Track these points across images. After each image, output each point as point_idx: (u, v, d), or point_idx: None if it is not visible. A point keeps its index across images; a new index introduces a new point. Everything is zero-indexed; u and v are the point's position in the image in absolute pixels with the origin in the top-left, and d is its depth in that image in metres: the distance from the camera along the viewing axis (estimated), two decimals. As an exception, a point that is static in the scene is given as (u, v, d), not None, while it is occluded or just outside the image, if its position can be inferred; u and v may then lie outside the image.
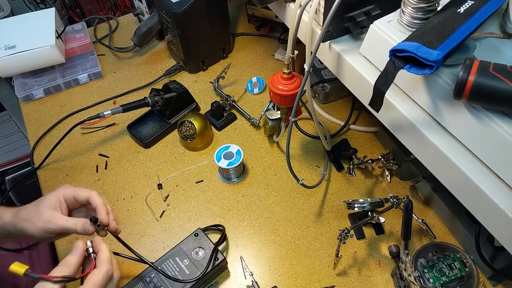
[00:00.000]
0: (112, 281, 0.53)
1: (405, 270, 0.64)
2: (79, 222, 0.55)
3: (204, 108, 0.98)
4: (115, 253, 0.63)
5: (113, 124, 0.97)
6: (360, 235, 0.75)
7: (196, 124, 0.85)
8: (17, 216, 0.57)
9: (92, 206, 0.58)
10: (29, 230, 0.56)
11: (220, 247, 0.71)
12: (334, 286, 0.70)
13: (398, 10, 0.50)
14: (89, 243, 0.54)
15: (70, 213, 0.60)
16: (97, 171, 0.88)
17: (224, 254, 0.71)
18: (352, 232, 0.69)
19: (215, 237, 0.74)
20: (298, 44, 0.62)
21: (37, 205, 0.57)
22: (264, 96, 1.01)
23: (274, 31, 1.16)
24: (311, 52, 0.57)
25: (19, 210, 0.58)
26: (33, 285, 0.81)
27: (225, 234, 0.75)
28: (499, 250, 0.66)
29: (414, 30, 0.46)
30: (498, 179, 0.43)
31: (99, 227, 0.57)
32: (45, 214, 0.55)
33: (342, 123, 0.92)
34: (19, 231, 0.57)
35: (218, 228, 0.76)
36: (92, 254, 0.54)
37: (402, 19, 0.49)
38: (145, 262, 0.63)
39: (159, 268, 0.67)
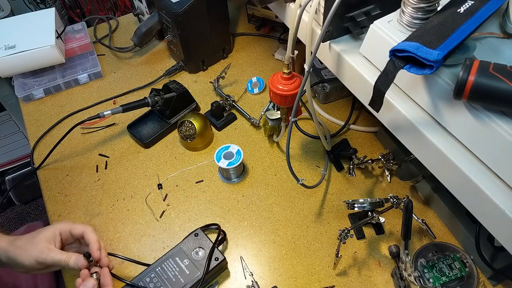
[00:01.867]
0: None
1: (405, 270, 0.64)
2: (71, 256, 0.58)
3: (204, 108, 0.98)
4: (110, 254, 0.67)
5: (113, 124, 0.97)
6: (360, 235, 0.75)
7: (196, 124, 0.85)
8: (12, 244, 0.59)
9: (86, 241, 0.61)
10: (21, 259, 0.58)
11: (220, 247, 0.71)
12: (334, 286, 0.70)
13: (398, 10, 0.50)
14: (95, 276, 0.57)
15: (63, 248, 0.62)
16: (97, 171, 0.88)
17: (224, 254, 0.71)
18: (352, 232, 0.69)
19: (215, 237, 0.74)
20: (298, 44, 0.62)
21: (33, 236, 0.60)
22: (264, 96, 1.01)
23: (274, 31, 1.16)
24: (311, 52, 0.57)
25: (15, 239, 0.60)
26: (33, 286, 0.81)
27: (225, 233, 0.75)
28: (499, 250, 0.66)
29: (414, 30, 0.46)
30: (498, 179, 0.43)
31: (91, 262, 0.59)
32: (40, 245, 0.58)
33: (342, 123, 0.92)
34: (11, 259, 0.59)
35: (214, 228, 0.75)
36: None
37: (402, 19, 0.49)
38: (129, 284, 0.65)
39: (158, 268, 0.67)
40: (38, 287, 0.81)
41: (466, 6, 0.44)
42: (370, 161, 0.82)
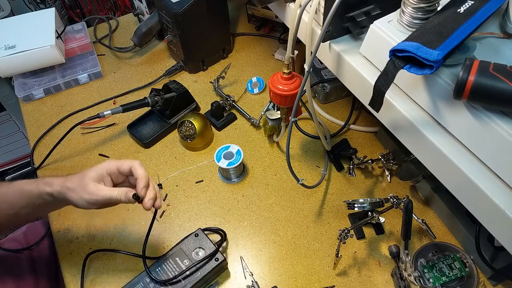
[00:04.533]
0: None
1: (405, 270, 0.64)
2: (122, 191, 0.58)
3: (204, 108, 0.98)
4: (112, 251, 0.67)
5: (113, 124, 0.97)
6: (360, 235, 0.75)
7: (196, 124, 0.85)
8: (64, 186, 0.59)
9: (134, 176, 0.60)
10: (74, 200, 0.58)
11: (220, 247, 0.71)
12: (334, 286, 0.70)
13: (398, 10, 0.50)
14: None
15: (114, 186, 0.62)
16: (97, 171, 0.88)
17: (224, 254, 0.71)
18: (352, 232, 0.69)
19: (215, 237, 0.74)
20: (298, 44, 0.62)
21: (82, 178, 0.59)
22: (264, 96, 1.01)
23: (274, 31, 1.16)
24: (311, 52, 0.57)
25: (66, 179, 0.60)
26: (34, 285, 0.81)
27: (225, 233, 0.75)
28: (499, 250, 0.66)
29: (414, 30, 0.46)
30: (498, 179, 0.43)
31: (141, 202, 0.59)
32: (89, 186, 0.58)
33: (342, 123, 0.92)
34: (65, 200, 0.60)
35: (219, 232, 0.75)
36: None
37: (402, 19, 0.49)
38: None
39: (158, 269, 0.67)
40: None
41: (466, 6, 0.44)
42: (370, 161, 0.82)
